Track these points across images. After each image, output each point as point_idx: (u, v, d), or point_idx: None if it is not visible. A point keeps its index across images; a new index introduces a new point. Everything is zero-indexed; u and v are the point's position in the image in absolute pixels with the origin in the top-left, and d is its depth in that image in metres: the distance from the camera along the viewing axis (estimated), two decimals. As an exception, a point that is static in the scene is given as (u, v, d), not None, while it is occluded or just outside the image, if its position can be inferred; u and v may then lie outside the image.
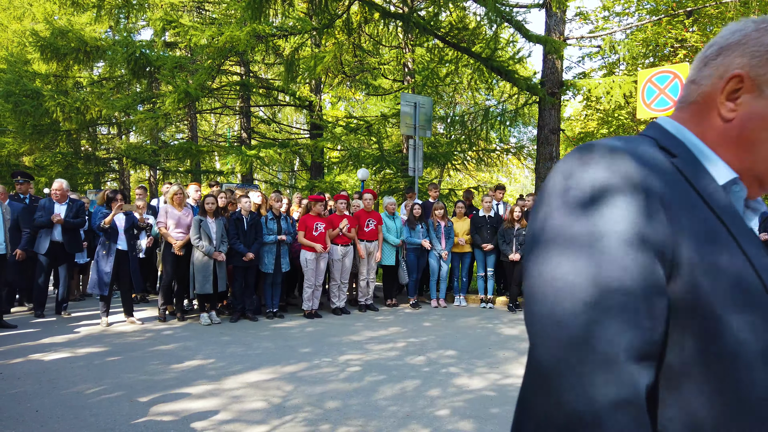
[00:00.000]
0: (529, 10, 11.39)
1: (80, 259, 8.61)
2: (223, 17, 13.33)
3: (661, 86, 8.77)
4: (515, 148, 15.42)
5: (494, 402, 4.22)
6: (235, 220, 7.39)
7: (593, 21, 14.67)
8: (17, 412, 3.92)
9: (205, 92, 12.82)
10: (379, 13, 10.49)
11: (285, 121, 25.86)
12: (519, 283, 8.42)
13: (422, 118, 10.48)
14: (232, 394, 4.37)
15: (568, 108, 23.07)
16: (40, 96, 13.39)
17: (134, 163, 16.72)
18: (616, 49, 11.11)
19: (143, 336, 6.46)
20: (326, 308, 8.28)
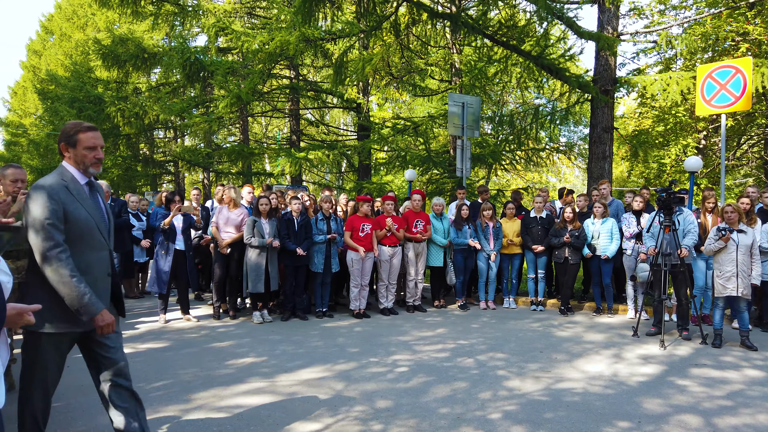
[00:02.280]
0: (581, 6, 11.11)
1: (140, 258, 8.96)
2: (273, 22, 13.61)
3: (722, 81, 8.43)
4: (565, 147, 15.10)
5: (547, 406, 4.15)
6: (286, 221, 7.54)
7: (648, 16, 14.21)
8: (83, 404, 4.13)
9: (256, 96, 13.14)
10: (427, 14, 10.48)
11: (333, 123, 26.17)
12: (571, 285, 8.24)
13: (470, 118, 10.41)
14: (284, 392, 4.47)
15: (622, 106, 22.41)
16: (102, 102, 14.04)
17: (189, 165, 17.27)
18: (672, 44, 10.73)
19: (199, 333, 6.68)
20: (374, 308, 8.33)
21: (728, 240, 6.05)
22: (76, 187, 2.75)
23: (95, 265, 2.78)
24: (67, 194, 2.68)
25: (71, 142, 2.75)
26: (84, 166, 2.79)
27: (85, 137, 2.76)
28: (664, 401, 4.31)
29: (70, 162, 2.79)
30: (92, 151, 2.79)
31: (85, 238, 2.73)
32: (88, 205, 2.76)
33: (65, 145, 2.77)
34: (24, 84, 29.65)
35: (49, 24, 28.19)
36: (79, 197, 2.73)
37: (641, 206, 7.73)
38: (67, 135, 2.76)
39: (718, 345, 6.12)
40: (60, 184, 2.69)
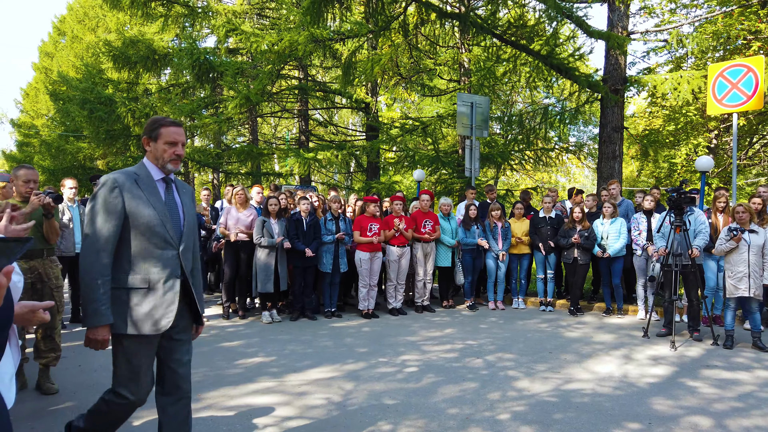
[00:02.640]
0: (590, 5, 11.05)
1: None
2: (282, 22, 13.66)
3: (734, 80, 8.35)
4: (575, 147, 15.03)
5: (557, 407, 4.14)
6: (295, 221, 7.57)
7: (659, 14, 14.13)
8: (92, 403, 4.15)
9: (265, 96, 13.18)
10: (436, 14, 10.47)
11: (342, 123, 26.21)
12: (581, 286, 8.20)
13: (479, 118, 10.39)
14: (293, 391, 4.49)
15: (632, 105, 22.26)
16: (113, 103, 14.12)
17: (199, 165, 17.35)
18: (683, 42, 10.65)
19: (208, 333, 6.72)
20: (383, 309, 8.34)
21: (740, 240, 6.00)
22: (147, 182, 2.63)
23: (158, 265, 2.61)
24: (134, 188, 2.57)
25: (153, 136, 2.67)
26: (162, 161, 2.67)
27: (166, 132, 2.66)
28: (675, 402, 4.29)
29: (149, 156, 2.71)
30: (172, 147, 2.68)
31: (147, 236, 2.57)
32: (157, 201, 2.61)
33: (147, 139, 2.69)
34: (36, 85, 29.92)
35: (61, 26, 28.44)
36: (148, 192, 2.60)
37: (652, 206, 7.68)
38: (149, 128, 2.69)
39: (729, 346, 6.07)
40: (129, 177, 2.59)
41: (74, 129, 18.29)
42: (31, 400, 4.20)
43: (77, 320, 7.16)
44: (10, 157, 28.81)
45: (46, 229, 4.53)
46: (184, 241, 2.72)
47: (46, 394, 4.31)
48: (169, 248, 2.65)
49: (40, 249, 4.51)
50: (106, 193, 2.52)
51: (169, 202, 2.70)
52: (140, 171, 2.65)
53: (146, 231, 2.57)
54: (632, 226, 7.73)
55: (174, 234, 2.66)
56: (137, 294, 2.57)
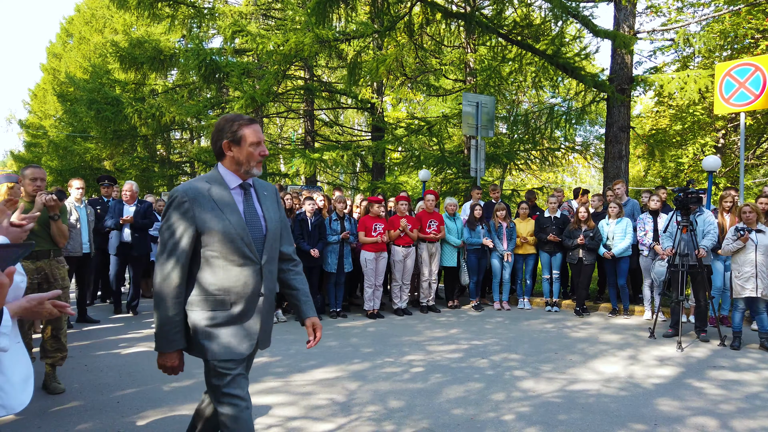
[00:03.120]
0: (596, 5, 11.02)
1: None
2: (288, 23, 13.68)
3: (741, 79, 8.30)
4: (581, 147, 14.98)
5: (561, 408, 4.13)
6: (300, 221, 7.58)
7: (665, 13, 14.04)
8: (100, 403, 4.19)
9: (270, 97, 13.20)
10: (441, 14, 10.47)
11: (347, 123, 26.23)
12: (586, 286, 8.17)
13: (484, 117, 10.37)
14: (298, 391, 4.50)
15: (639, 105, 22.16)
16: (120, 103, 14.20)
17: (205, 166, 17.41)
18: (690, 42, 10.61)
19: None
20: (388, 309, 8.34)
21: (747, 240, 5.96)
22: (220, 192, 2.33)
23: (239, 284, 2.31)
24: (206, 200, 2.28)
25: (236, 139, 2.34)
26: (248, 166, 2.36)
27: (250, 132, 2.35)
28: (681, 403, 4.26)
29: (227, 162, 2.39)
30: (258, 147, 2.37)
31: (225, 252, 2.28)
32: (232, 213, 2.31)
33: (229, 144, 2.34)
34: (44, 86, 30.11)
35: (68, 27, 28.60)
36: (221, 204, 2.30)
37: (658, 206, 7.64)
38: (230, 131, 2.34)
39: (736, 347, 6.04)
40: (200, 188, 2.30)
41: (82, 129, 18.39)
42: (37, 400, 4.22)
43: (84, 320, 7.20)
44: (18, 158, 29.01)
45: (54, 231, 4.56)
46: (266, 253, 2.41)
47: (53, 393, 4.34)
48: (249, 264, 2.34)
49: (47, 250, 4.54)
50: (175, 209, 2.27)
51: (248, 211, 2.39)
52: (213, 180, 2.36)
53: (222, 247, 2.28)
54: (638, 226, 7.70)
55: (254, 247, 2.36)
56: (215, 316, 2.30)
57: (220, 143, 2.36)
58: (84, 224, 6.97)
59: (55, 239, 4.58)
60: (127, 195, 7.80)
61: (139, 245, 7.88)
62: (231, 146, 2.35)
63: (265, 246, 2.41)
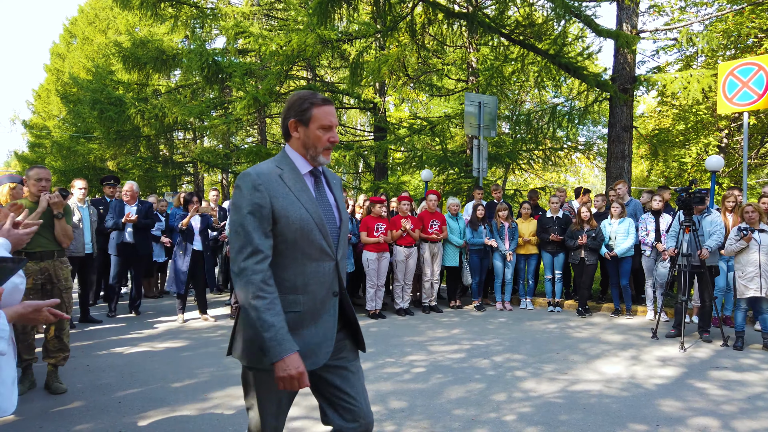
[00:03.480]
0: (599, 4, 10.99)
1: (159, 258, 9.08)
2: (291, 23, 13.69)
3: (744, 79, 8.28)
4: (584, 147, 14.95)
5: (563, 409, 4.13)
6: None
7: (668, 13, 14.02)
8: (102, 403, 4.20)
9: (273, 97, 13.22)
10: (443, 14, 10.46)
11: (350, 123, 26.23)
12: (588, 286, 8.16)
13: (487, 117, 10.35)
14: (300, 392, 4.49)
15: (642, 104, 22.11)
16: (123, 103, 14.24)
17: (208, 166, 17.46)
18: (693, 41, 10.55)
19: (216, 333, 6.75)
20: (390, 309, 8.34)
21: (749, 240, 5.94)
22: (294, 178, 2.08)
23: (314, 281, 2.06)
24: (280, 185, 2.02)
25: (304, 119, 2.10)
26: (314, 151, 2.12)
27: (320, 113, 2.09)
28: (683, 404, 4.25)
29: (295, 145, 2.15)
30: (327, 132, 2.11)
31: (300, 244, 2.03)
32: (308, 201, 2.06)
33: (296, 123, 2.12)
34: (48, 87, 30.22)
35: (72, 28, 28.70)
36: (296, 190, 2.05)
37: (660, 206, 7.63)
38: (298, 109, 2.11)
39: (739, 347, 6.02)
40: (272, 172, 2.05)
41: (85, 130, 18.45)
42: (39, 400, 4.24)
43: (86, 320, 7.22)
44: (22, 158, 29.10)
45: (58, 231, 4.57)
46: (341, 248, 2.18)
47: (55, 393, 4.35)
48: (326, 259, 2.10)
49: (51, 250, 4.55)
50: (249, 192, 1.98)
51: (321, 200, 2.15)
52: (283, 164, 2.11)
53: (298, 239, 2.02)
54: (640, 227, 7.69)
55: (331, 240, 2.11)
56: (289, 320, 2.00)
57: (287, 121, 2.14)
58: (86, 224, 6.98)
59: (59, 239, 4.60)
60: (128, 195, 7.80)
61: (142, 245, 7.90)
62: (298, 126, 2.12)
63: (340, 240, 2.18)
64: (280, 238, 2.01)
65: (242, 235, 1.96)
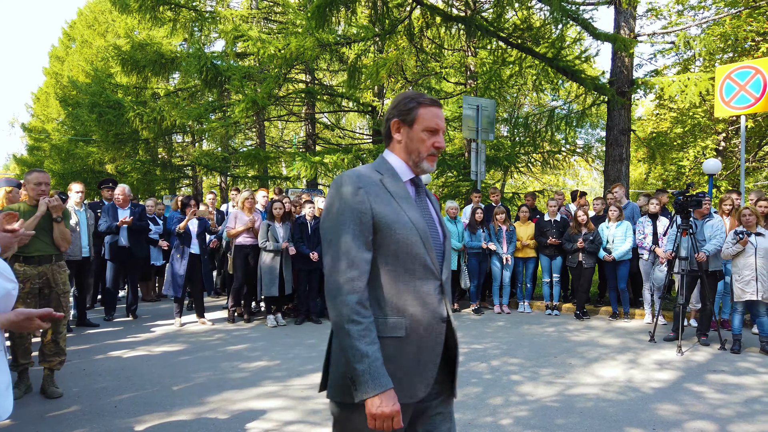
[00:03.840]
0: (596, 8, 11.00)
1: (157, 261, 9.07)
2: (289, 27, 13.71)
3: (742, 82, 8.30)
4: (582, 150, 14.96)
5: (560, 413, 4.12)
6: (300, 225, 7.59)
7: (666, 16, 14.06)
8: (98, 407, 4.19)
9: (272, 100, 13.23)
10: (441, 17, 10.48)
11: (348, 126, 26.26)
12: (587, 290, 8.16)
13: (485, 120, 10.36)
14: (296, 395, 4.50)
15: (640, 107, 22.14)
16: (122, 107, 14.23)
17: (206, 169, 17.45)
18: (691, 44, 10.58)
19: (213, 336, 6.75)
20: (388, 312, 8.32)
21: (746, 243, 5.95)
22: (395, 184, 1.83)
23: (418, 303, 1.77)
24: (381, 191, 1.78)
25: (408, 120, 1.87)
26: (417, 156, 1.87)
27: (426, 114, 1.86)
28: (680, 408, 4.25)
29: (396, 148, 1.91)
30: (432, 136, 1.87)
31: (402, 258, 1.74)
32: (411, 210, 1.80)
33: (398, 123, 1.89)
34: (47, 90, 30.22)
35: (71, 31, 28.71)
36: (398, 199, 1.79)
37: (657, 209, 7.64)
38: (403, 108, 1.88)
39: (737, 350, 6.02)
40: (373, 176, 1.81)
41: (84, 133, 18.44)
42: (35, 404, 4.23)
43: (83, 324, 7.21)
44: (21, 161, 29.11)
45: (57, 235, 4.56)
46: (446, 267, 1.89)
47: (51, 398, 4.35)
48: (431, 278, 1.80)
49: (49, 254, 4.54)
50: (350, 195, 1.73)
51: (423, 212, 1.87)
52: (382, 169, 1.87)
53: (400, 253, 1.74)
54: (637, 230, 7.70)
55: (436, 257, 1.82)
56: (388, 346, 1.72)
57: (390, 122, 1.91)
58: (84, 228, 6.98)
59: (57, 243, 4.59)
60: (120, 199, 7.77)
61: (137, 248, 7.89)
62: (400, 127, 1.89)
63: (445, 257, 1.89)
64: (381, 250, 1.74)
65: (338, 246, 1.70)
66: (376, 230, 1.72)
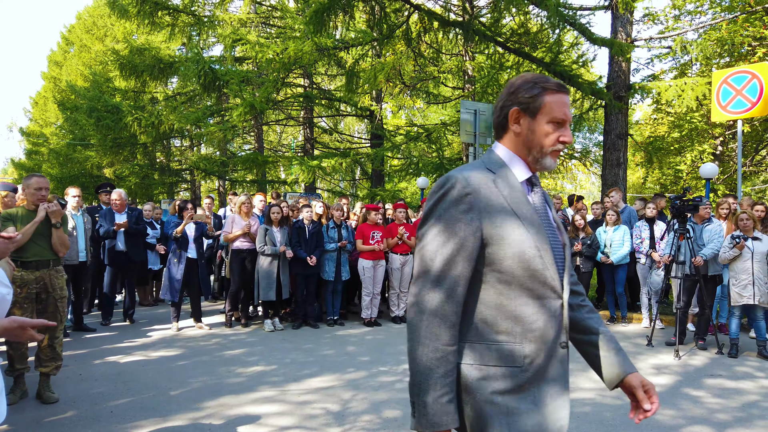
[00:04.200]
0: (593, 13, 11.05)
1: (154, 266, 9.05)
2: (287, 31, 13.75)
3: (738, 87, 8.32)
4: (580, 154, 15.01)
5: (556, 417, 4.11)
6: (298, 229, 7.58)
7: (663, 21, 14.12)
8: (94, 412, 4.18)
9: (270, 104, 13.25)
10: (439, 22, 10.51)
11: (347, 130, 26.28)
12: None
13: (482, 125, 10.37)
14: (293, 400, 4.49)
15: (637, 112, 22.20)
16: (120, 111, 14.25)
17: (204, 173, 17.45)
18: (688, 49, 10.62)
19: (210, 341, 6.73)
20: (386, 317, 8.33)
21: (743, 248, 5.96)
22: (510, 187, 1.55)
23: (537, 327, 1.48)
24: (494, 195, 1.51)
25: (531, 108, 1.57)
26: (539, 152, 1.58)
27: (554, 102, 1.56)
28: (677, 412, 4.25)
29: (513, 142, 1.62)
30: (558, 129, 1.57)
31: (518, 275, 1.47)
32: (529, 217, 1.52)
33: (519, 112, 1.59)
34: (45, 94, 30.21)
35: (69, 35, 28.73)
36: (514, 203, 1.52)
37: (654, 214, 7.65)
38: (525, 96, 1.58)
39: (734, 354, 6.02)
40: (484, 177, 1.53)
41: (82, 137, 18.45)
42: (31, 409, 4.22)
43: (80, 328, 7.19)
44: (19, 165, 29.06)
45: (55, 241, 4.55)
46: (566, 282, 1.59)
47: (47, 403, 4.33)
48: (551, 296, 1.52)
49: (47, 260, 4.53)
50: (455, 201, 1.48)
51: (543, 218, 1.58)
52: (495, 166, 1.59)
53: (516, 269, 1.48)
54: (634, 234, 7.71)
55: (556, 271, 1.53)
56: (500, 377, 1.46)
57: (507, 110, 1.62)
58: (81, 232, 6.95)
59: (55, 248, 4.58)
60: (117, 203, 7.74)
61: (134, 253, 7.87)
62: (521, 117, 1.59)
63: (566, 270, 1.60)
64: (493, 266, 1.49)
65: (431, 257, 1.48)
66: (485, 243, 1.48)
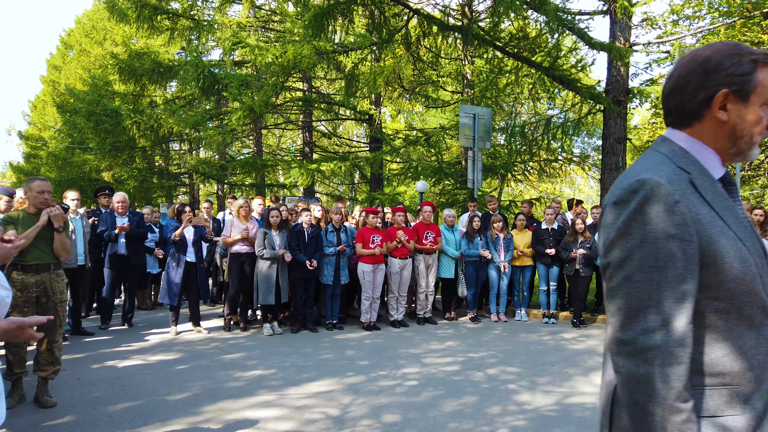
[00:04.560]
0: (592, 17, 11.08)
1: (153, 269, 9.04)
2: (287, 35, 13.76)
3: (737, 92, 8.33)
4: (579, 158, 15.02)
5: (556, 422, 4.11)
6: (297, 233, 7.58)
7: (661, 26, 14.13)
8: (92, 417, 4.16)
9: (269, 108, 13.25)
10: (438, 27, 10.52)
11: (346, 134, 26.30)
12: (583, 298, 8.15)
13: (481, 129, 10.40)
14: (292, 405, 4.47)
15: (636, 116, 22.24)
16: (119, 115, 14.24)
17: (203, 177, 17.43)
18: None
19: (209, 345, 6.71)
20: (385, 321, 8.32)
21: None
22: (711, 189, 1.23)
23: (753, 360, 1.17)
24: (698, 201, 1.18)
25: (745, 90, 1.21)
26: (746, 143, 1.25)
27: None
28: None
29: (707, 132, 1.27)
30: None
31: (738, 303, 1.16)
32: (739, 227, 1.21)
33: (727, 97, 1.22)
34: (44, 98, 30.20)
35: (68, 39, 28.74)
36: (723, 212, 1.20)
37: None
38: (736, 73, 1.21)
39: (733, 359, 6.00)
40: (680, 179, 1.19)
41: (81, 141, 18.43)
42: (29, 414, 4.20)
43: (78, 332, 7.16)
44: (17, 169, 29.02)
45: (57, 245, 4.54)
46: None
47: (45, 407, 4.31)
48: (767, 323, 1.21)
49: (48, 263, 4.52)
50: (664, 215, 1.14)
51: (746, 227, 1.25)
52: (685, 162, 1.25)
53: (737, 296, 1.16)
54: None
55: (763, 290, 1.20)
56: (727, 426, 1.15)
57: (711, 92, 1.23)
58: (79, 236, 6.93)
59: (57, 253, 4.57)
60: (119, 207, 7.70)
61: (135, 256, 7.85)
62: (729, 101, 1.22)
63: None
64: (706, 293, 1.16)
65: (643, 291, 1.14)
66: (702, 265, 1.15)
